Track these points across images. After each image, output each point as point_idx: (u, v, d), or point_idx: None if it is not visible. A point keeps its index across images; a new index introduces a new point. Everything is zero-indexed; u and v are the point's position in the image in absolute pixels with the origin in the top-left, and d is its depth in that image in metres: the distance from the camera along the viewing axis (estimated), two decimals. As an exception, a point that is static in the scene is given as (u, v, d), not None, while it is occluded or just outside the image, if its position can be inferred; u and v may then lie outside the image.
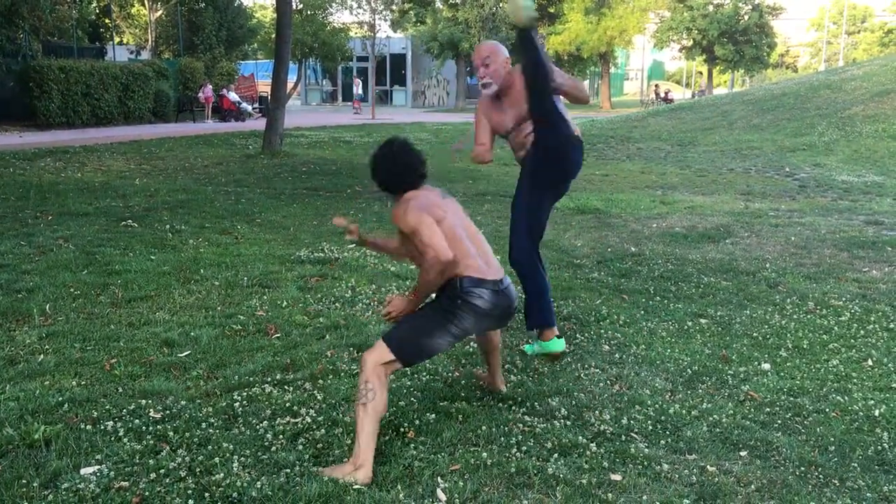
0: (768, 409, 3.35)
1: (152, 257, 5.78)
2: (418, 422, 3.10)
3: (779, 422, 3.23)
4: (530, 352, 3.90)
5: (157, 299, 4.74)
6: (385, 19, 35.53)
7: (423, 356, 2.96)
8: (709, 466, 2.82)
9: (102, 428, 2.97)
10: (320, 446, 2.89)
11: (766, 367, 3.85)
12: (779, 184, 11.28)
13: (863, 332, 4.41)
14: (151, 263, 5.58)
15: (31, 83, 18.87)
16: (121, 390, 3.35)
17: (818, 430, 3.15)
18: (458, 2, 38.61)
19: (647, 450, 2.93)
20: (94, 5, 29.80)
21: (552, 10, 41.38)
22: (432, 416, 3.14)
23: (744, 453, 2.95)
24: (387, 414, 3.15)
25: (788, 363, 3.91)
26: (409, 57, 41.88)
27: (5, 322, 4.24)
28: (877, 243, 6.83)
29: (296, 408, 3.20)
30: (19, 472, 2.63)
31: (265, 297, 4.84)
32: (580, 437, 3.00)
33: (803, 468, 2.84)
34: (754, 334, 4.36)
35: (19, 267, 5.39)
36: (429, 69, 41.58)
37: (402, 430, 3.03)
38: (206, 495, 2.53)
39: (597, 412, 3.25)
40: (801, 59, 74.81)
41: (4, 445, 2.82)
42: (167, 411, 3.14)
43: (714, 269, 5.88)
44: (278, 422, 3.07)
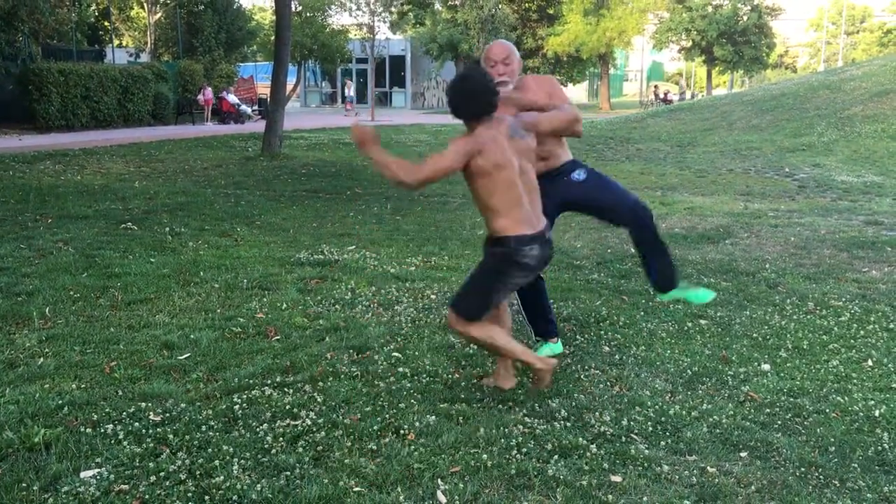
0: (768, 410, 3.35)
1: (152, 260, 5.78)
2: (418, 424, 3.09)
3: (779, 422, 3.23)
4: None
5: (157, 302, 4.74)
6: (384, 21, 35.53)
7: (486, 311, 3.21)
8: (709, 467, 2.82)
9: (102, 431, 2.97)
10: (320, 448, 2.89)
11: (766, 367, 3.85)
12: (778, 184, 11.28)
13: (863, 333, 4.41)
14: (151, 266, 5.58)
15: (30, 86, 18.89)
16: (120, 393, 3.35)
17: (818, 430, 3.15)
18: (457, 3, 38.65)
19: (647, 451, 2.93)
20: (93, 8, 29.84)
21: (551, 12, 41.44)
22: (432, 417, 3.15)
23: (744, 454, 2.95)
24: (387, 415, 3.16)
25: (788, 364, 3.91)
26: (408, 59, 41.88)
27: (5, 325, 4.24)
28: (876, 243, 6.83)
29: (296, 410, 3.20)
30: (19, 475, 2.63)
31: (265, 299, 4.84)
32: (580, 439, 3.00)
33: (803, 469, 2.84)
34: (754, 335, 4.36)
35: (19, 270, 5.39)
36: (428, 71, 41.59)
37: (402, 431, 3.03)
38: (206, 498, 2.53)
39: (597, 413, 3.25)
40: (800, 59, 74.93)
41: (4, 449, 2.82)
42: (167, 414, 3.14)
43: (714, 269, 5.88)
44: (278, 424, 3.07)
